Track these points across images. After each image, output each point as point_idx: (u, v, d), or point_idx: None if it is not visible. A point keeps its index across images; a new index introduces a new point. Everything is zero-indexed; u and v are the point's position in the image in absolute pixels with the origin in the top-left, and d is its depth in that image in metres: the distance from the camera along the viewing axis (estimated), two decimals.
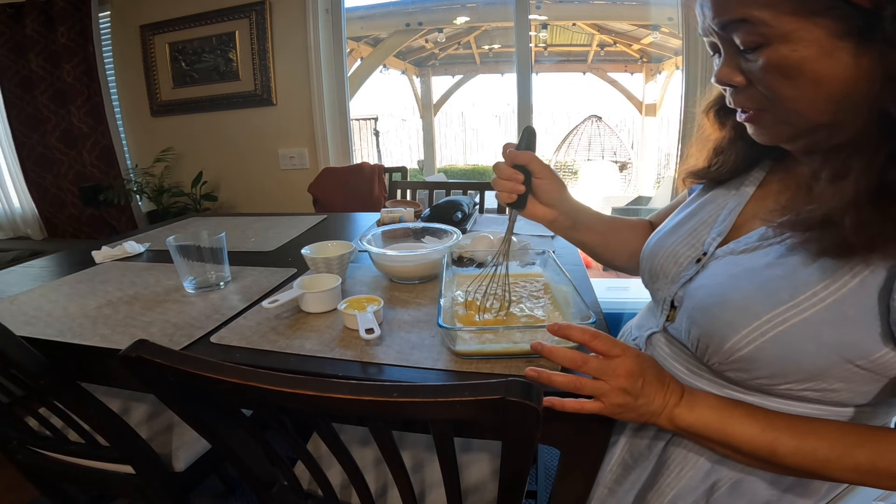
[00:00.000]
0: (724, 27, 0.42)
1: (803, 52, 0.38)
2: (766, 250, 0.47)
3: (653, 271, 0.60)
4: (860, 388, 0.43)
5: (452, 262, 0.82)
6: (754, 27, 0.40)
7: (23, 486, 1.27)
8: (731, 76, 0.45)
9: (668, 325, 0.56)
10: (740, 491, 0.51)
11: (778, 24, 0.39)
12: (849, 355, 0.40)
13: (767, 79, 0.42)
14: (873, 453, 0.40)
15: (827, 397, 0.44)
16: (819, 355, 0.41)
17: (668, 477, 0.55)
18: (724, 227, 0.53)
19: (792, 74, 0.40)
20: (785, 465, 0.43)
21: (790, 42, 0.39)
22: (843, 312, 0.40)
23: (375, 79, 5.06)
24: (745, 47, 0.42)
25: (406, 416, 0.51)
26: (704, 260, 0.53)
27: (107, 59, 2.39)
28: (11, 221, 2.69)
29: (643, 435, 0.59)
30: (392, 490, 0.69)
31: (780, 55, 0.40)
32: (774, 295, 0.43)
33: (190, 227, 1.42)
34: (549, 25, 4.60)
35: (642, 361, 0.47)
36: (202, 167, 2.38)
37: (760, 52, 0.41)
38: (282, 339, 0.64)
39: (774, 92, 0.42)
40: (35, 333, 0.69)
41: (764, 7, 0.39)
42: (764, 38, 0.40)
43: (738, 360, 0.45)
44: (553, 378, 0.46)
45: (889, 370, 0.40)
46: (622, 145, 5.63)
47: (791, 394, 0.45)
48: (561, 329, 0.48)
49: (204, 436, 0.56)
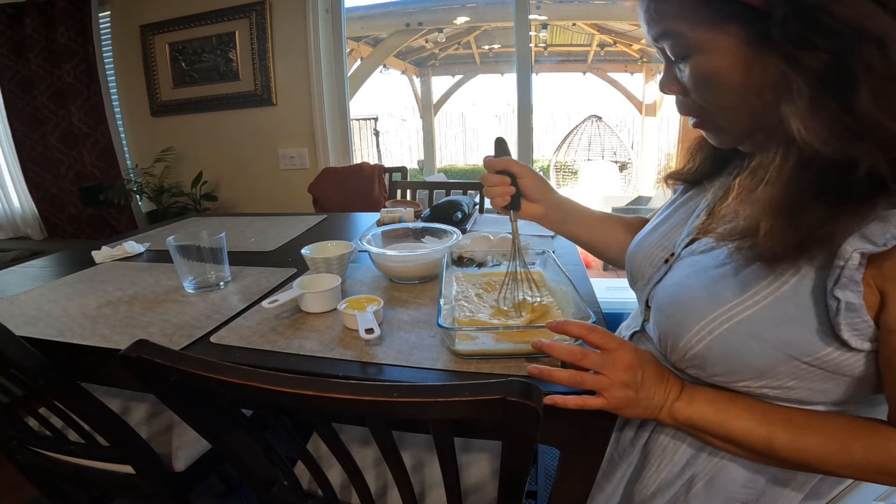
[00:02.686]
0: (655, 39, 0.45)
1: (718, 61, 0.40)
2: (718, 251, 0.48)
3: (633, 272, 0.61)
4: (816, 385, 0.43)
5: (452, 262, 0.82)
6: (677, 39, 0.42)
7: (23, 485, 1.27)
8: (669, 87, 0.47)
9: (646, 324, 0.58)
10: (716, 487, 0.52)
11: (694, 35, 0.40)
12: (792, 352, 0.41)
13: (694, 88, 0.44)
14: (868, 449, 0.40)
15: (787, 395, 0.44)
16: (764, 352, 0.42)
17: (649, 470, 0.56)
18: (693, 228, 0.54)
19: (711, 84, 0.42)
20: (783, 459, 0.44)
21: (706, 52, 0.41)
22: (782, 311, 0.41)
23: (375, 79, 5.07)
24: (674, 58, 0.44)
25: (406, 416, 0.51)
26: (672, 261, 0.54)
27: (107, 59, 2.39)
28: (11, 221, 2.69)
29: (627, 430, 0.60)
30: (392, 490, 0.69)
31: (699, 65, 0.42)
32: (719, 294, 0.44)
33: (190, 227, 1.42)
34: (549, 25, 4.60)
35: (640, 355, 0.47)
36: (202, 167, 2.38)
37: (685, 63, 0.43)
38: (282, 339, 0.64)
39: (704, 100, 0.44)
40: (35, 333, 0.69)
41: (680, 19, 0.41)
42: (686, 49, 0.42)
43: (691, 357, 0.46)
44: (554, 374, 0.46)
45: (843, 368, 0.40)
46: (622, 145, 5.63)
47: (750, 391, 0.46)
48: (559, 325, 0.49)
49: (204, 436, 0.56)
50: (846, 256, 0.36)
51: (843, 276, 0.36)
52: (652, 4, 0.43)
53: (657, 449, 0.56)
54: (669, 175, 0.63)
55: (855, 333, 0.38)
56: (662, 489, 0.55)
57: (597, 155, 5.64)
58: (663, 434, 0.55)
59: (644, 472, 0.57)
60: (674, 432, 0.54)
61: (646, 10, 0.44)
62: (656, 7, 0.43)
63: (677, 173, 0.62)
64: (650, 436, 0.57)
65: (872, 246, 0.35)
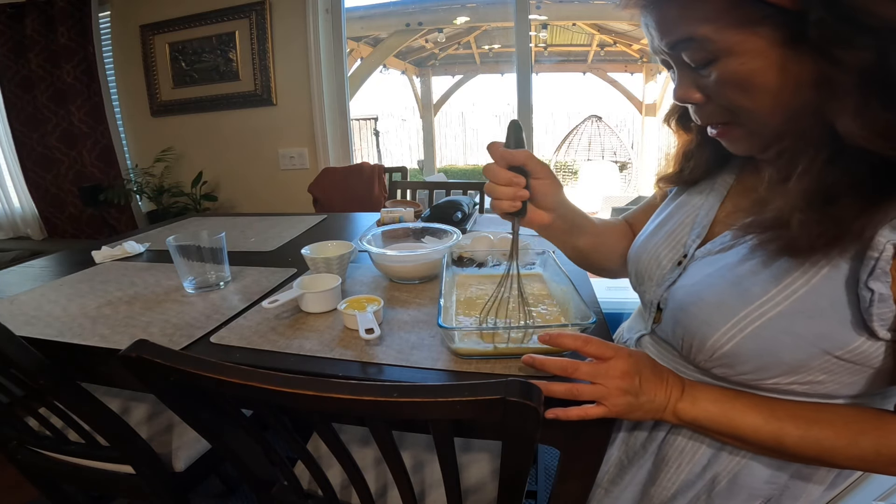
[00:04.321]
0: (672, 47, 0.43)
1: (751, 63, 0.39)
2: (738, 248, 0.47)
3: (638, 274, 0.60)
4: (845, 379, 0.43)
5: (452, 262, 0.82)
6: (700, 44, 0.40)
7: (23, 485, 1.27)
8: (689, 94, 0.45)
9: (656, 326, 0.57)
10: (739, 484, 0.52)
11: (721, 39, 0.39)
12: (826, 346, 0.41)
13: (724, 93, 0.42)
14: (877, 441, 0.41)
15: (815, 390, 0.44)
16: (797, 348, 0.41)
17: (668, 472, 0.56)
18: (702, 229, 0.54)
19: (745, 87, 0.40)
20: (793, 454, 0.44)
21: (737, 55, 0.39)
22: (815, 304, 0.40)
23: (375, 79, 5.08)
24: (695, 65, 0.42)
25: (406, 416, 0.51)
26: (685, 262, 0.53)
27: (107, 59, 2.39)
28: (11, 221, 2.69)
29: (638, 433, 0.60)
30: (392, 490, 0.69)
31: (729, 69, 0.40)
32: (747, 291, 0.44)
33: (190, 227, 1.42)
34: (549, 25, 4.60)
35: (636, 360, 0.47)
36: (202, 167, 2.38)
37: (712, 68, 0.41)
38: (282, 340, 0.64)
39: (734, 105, 0.42)
40: (35, 333, 0.69)
41: (704, 23, 0.39)
42: (712, 54, 0.40)
43: (720, 356, 0.46)
44: (550, 388, 0.46)
45: (870, 360, 0.41)
46: (622, 145, 5.63)
47: (778, 388, 0.45)
48: (552, 338, 0.48)
49: (204, 436, 0.56)
50: (880, 248, 0.36)
51: (878, 268, 0.36)
52: (671, 11, 0.41)
53: (674, 451, 0.55)
54: (662, 178, 0.62)
55: (882, 323, 0.38)
56: (683, 490, 0.55)
57: (597, 155, 5.64)
58: (680, 436, 0.54)
59: (662, 475, 0.56)
60: (691, 433, 0.53)
61: (660, 17, 0.42)
62: (678, 12, 0.41)
63: (670, 176, 0.61)
64: (665, 437, 0.56)
65: None
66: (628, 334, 0.65)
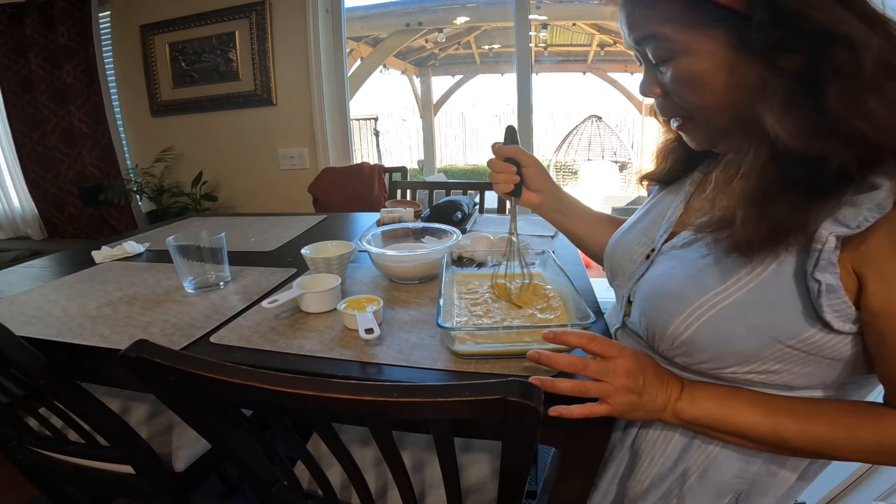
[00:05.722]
0: (637, 42, 0.46)
1: (702, 63, 0.42)
2: (698, 244, 0.49)
3: (613, 269, 0.63)
4: (799, 369, 0.44)
5: (452, 262, 0.82)
6: (661, 42, 0.43)
7: (23, 485, 1.27)
8: (650, 89, 0.49)
9: (627, 319, 0.59)
10: (709, 479, 0.53)
11: (679, 39, 0.42)
12: (777, 335, 0.42)
13: (677, 90, 0.45)
14: (876, 432, 0.41)
15: (772, 380, 0.45)
16: (749, 337, 0.43)
17: (641, 465, 0.57)
18: (669, 225, 0.56)
19: (695, 85, 0.43)
20: (796, 449, 0.45)
21: (690, 55, 0.42)
22: (764, 296, 0.42)
23: (375, 79, 5.07)
24: (656, 61, 0.46)
25: (406, 416, 0.51)
26: (653, 256, 0.55)
27: (107, 59, 2.39)
28: (11, 221, 2.69)
29: (615, 429, 0.61)
30: (392, 490, 0.69)
31: (683, 68, 0.43)
32: (703, 283, 0.46)
33: (190, 227, 1.42)
34: (549, 25, 4.60)
35: (640, 360, 0.47)
36: (202, 167, 2.38)
37: (668, 66, 0.44)
38: (281, 339, 0.64)
39: (686, 101, 0.45)
40: (35, 333, 0.69)
41: (666, 23, 0.42)
42: (670, 52, 0.43)
43: (680, 345, 0.47)
44: (557, 384, 0.46)
45: (824, 350, 0.42)
46: (622, 145, 5.63)
47: (737, 378, 0.47)
48: (557, 336, 0.49)
49: (204, 436, 0.56)
50: (823, 240, 0.38)
51: (822, 259, 0.38)
52: (637, 9, 0.44)
53: (647, 444, 0.56)
54: (644, 176, 0.66)
55: (836, 315, 0.39)
56: (656, 484, 0.56)
57: (597, 155, 5.64)
58: (651, 429, 0.56)
59: (636, 469, 0.58)
60: (662, 426, 0.55)
61: (629, 14, 0.45)
62: (642, 11, 0.44)
63: (651, 174, 0.65)
64: (638, 432, 0.57)
65: (846, 229, 0.36)
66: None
